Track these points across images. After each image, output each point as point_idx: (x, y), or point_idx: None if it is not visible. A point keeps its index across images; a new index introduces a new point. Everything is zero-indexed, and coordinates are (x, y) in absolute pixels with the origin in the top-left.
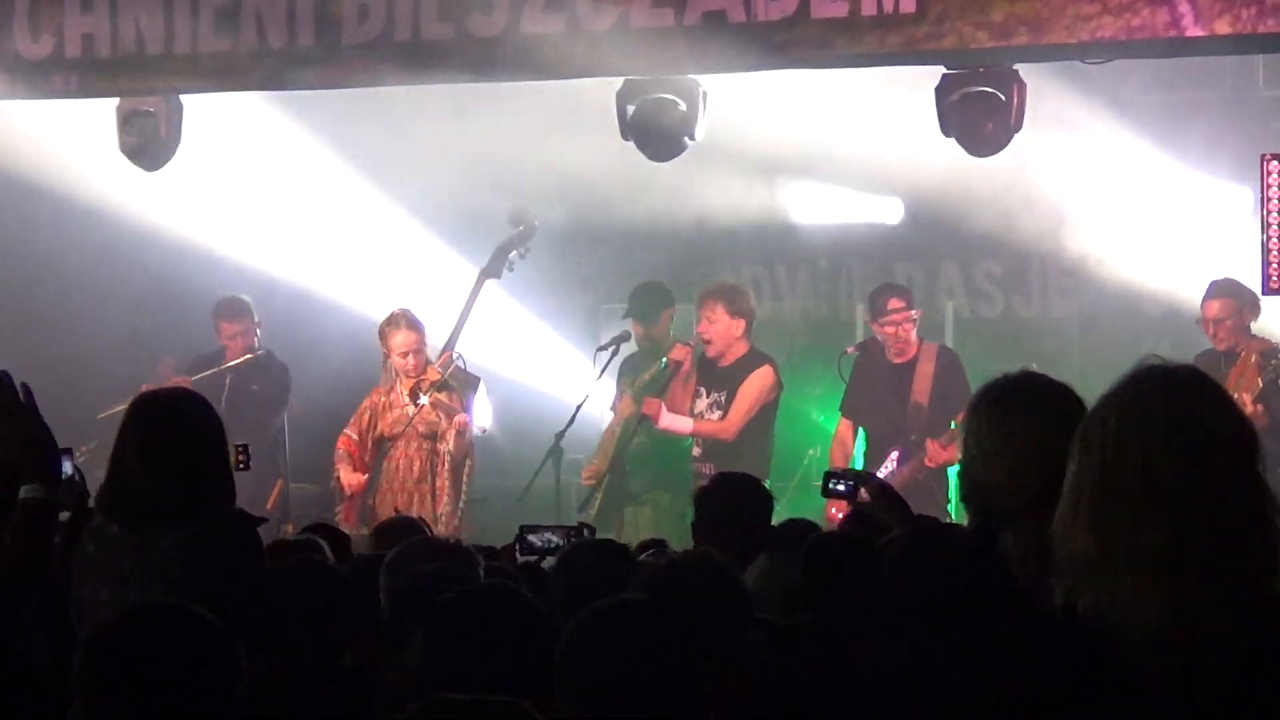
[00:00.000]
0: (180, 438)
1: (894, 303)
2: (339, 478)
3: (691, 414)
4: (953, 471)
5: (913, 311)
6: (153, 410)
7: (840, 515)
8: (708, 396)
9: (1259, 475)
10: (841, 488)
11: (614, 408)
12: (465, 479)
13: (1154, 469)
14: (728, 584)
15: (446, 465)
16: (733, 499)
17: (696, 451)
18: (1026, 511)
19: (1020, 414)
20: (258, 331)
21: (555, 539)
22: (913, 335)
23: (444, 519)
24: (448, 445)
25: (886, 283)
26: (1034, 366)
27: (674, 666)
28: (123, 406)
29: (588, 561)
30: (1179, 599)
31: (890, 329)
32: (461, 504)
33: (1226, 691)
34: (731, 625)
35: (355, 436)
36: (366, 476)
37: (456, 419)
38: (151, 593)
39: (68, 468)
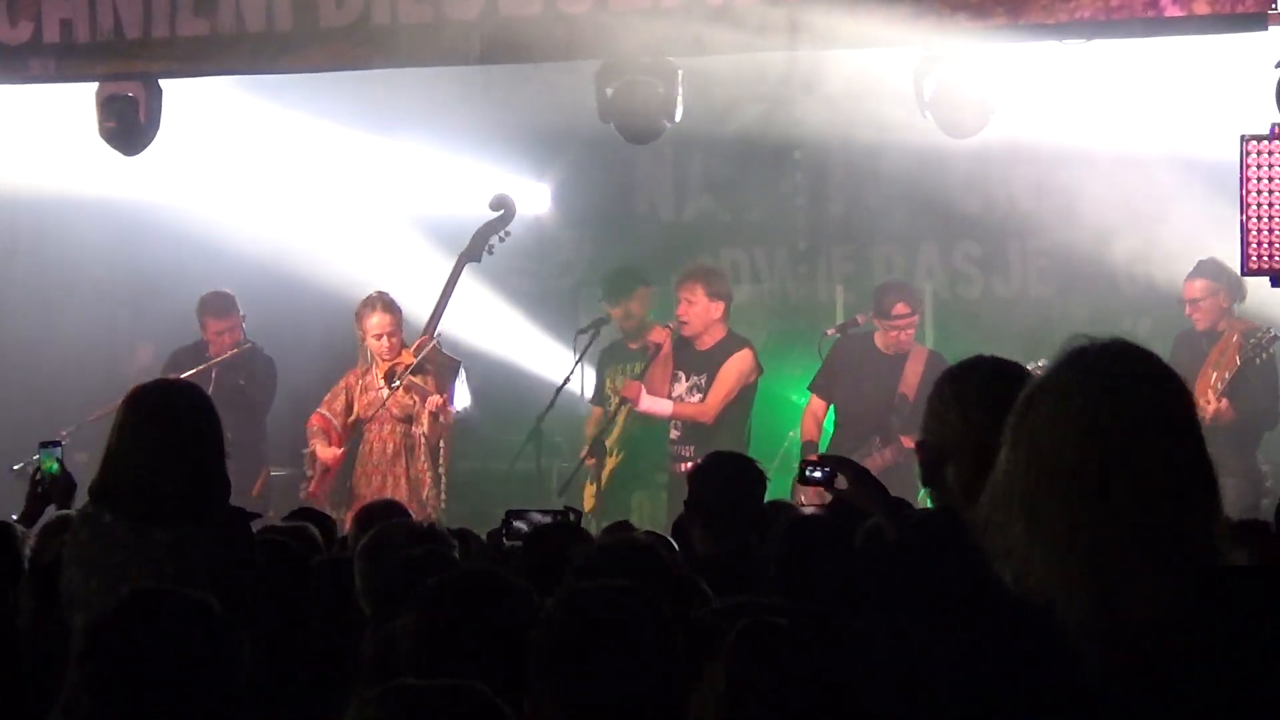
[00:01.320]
0: (179, 433)
1: (900, 307)
2: (314, 452)
3: (670, 397)
4: None
5: (916, 316)
6: (152, 403)
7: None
8: (686, 380)
9: (1196, 451)
10: (819, 474)
11: (594, 400)
12: (442, 462)
13: (1083, 454)
14: (652, 566)
15: (422, 448)
16: (727, 478)
17: (674, 434)
18: (972, 449)
19: (973, 378)
20: (243, 326)
21: (544, 522)
22: (912, 339)
23: (427, 502)
24: (422, 428)
25: (893, 283)
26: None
27: (652, 649)
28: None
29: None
30: (1106, 584)
31: (894, 333)
32: (443, 486)
33: (1159, 675)
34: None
35: (328, 414)
36: (343, 452)
37: (430, 401)
38: (143, 584)
39: (58, 457)
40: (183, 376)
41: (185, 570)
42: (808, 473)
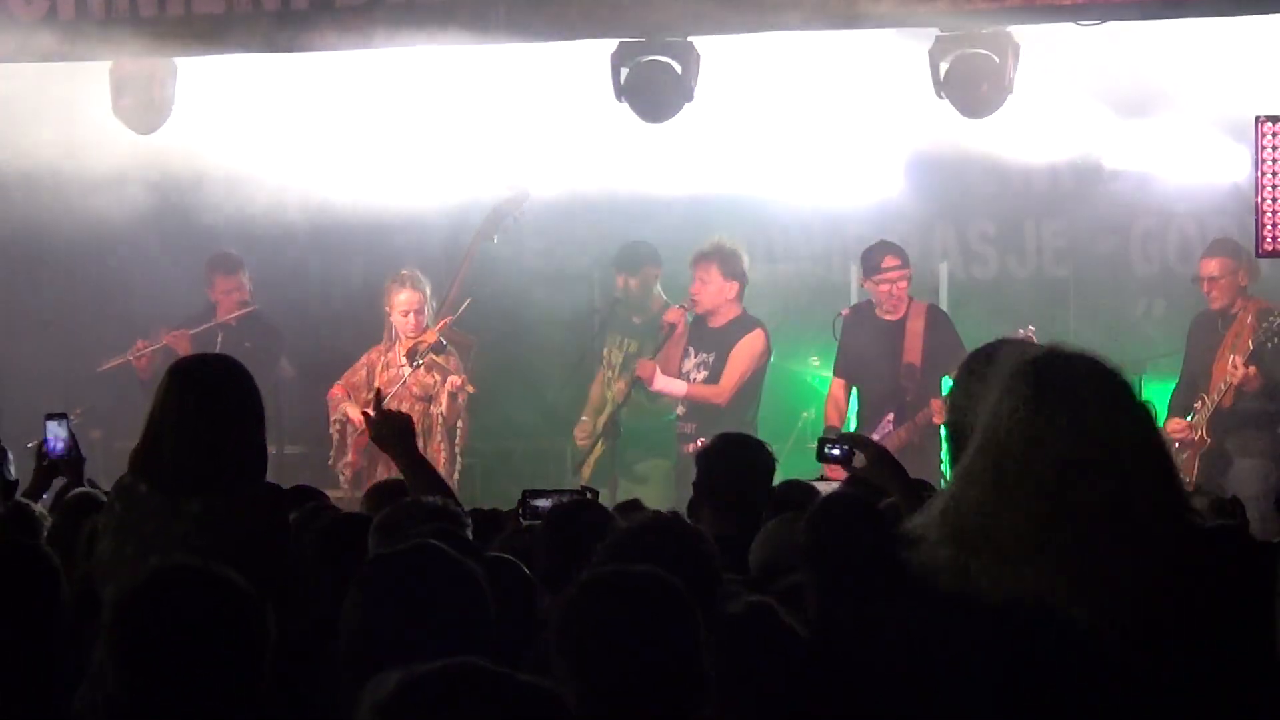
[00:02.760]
0: (220, 407)
1: (889, 260)
2: (346, 416)
3: (680, 372)
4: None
5: (907, 270)
6: (195, 377)
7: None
8: (695, 356)
9: (1150, 440)
10: (836, 452)
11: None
12: (458, 441)
13: (1042, 462)
14: (693, 546)
15: (440, 427)
16: (738, 460)
17: (680, 411)
18: None
19: (997, 358)
20: (249, 288)
21: (562, 502)
22: (905, 293)
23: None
24: (440, 408)
25: (881, 240)
26: (1031, 330)
27: (678, 634)
28: (121, 360)
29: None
30: (1058, 573)
31: (885, 286)
32: (458, 467)
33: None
34: (699, 587)
35: (348, 386)
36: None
37: (450, 381)
38: (173, 556)
39: (61, 437)
40: (193, 333)
41: (214, 542)
42: (826, 450)
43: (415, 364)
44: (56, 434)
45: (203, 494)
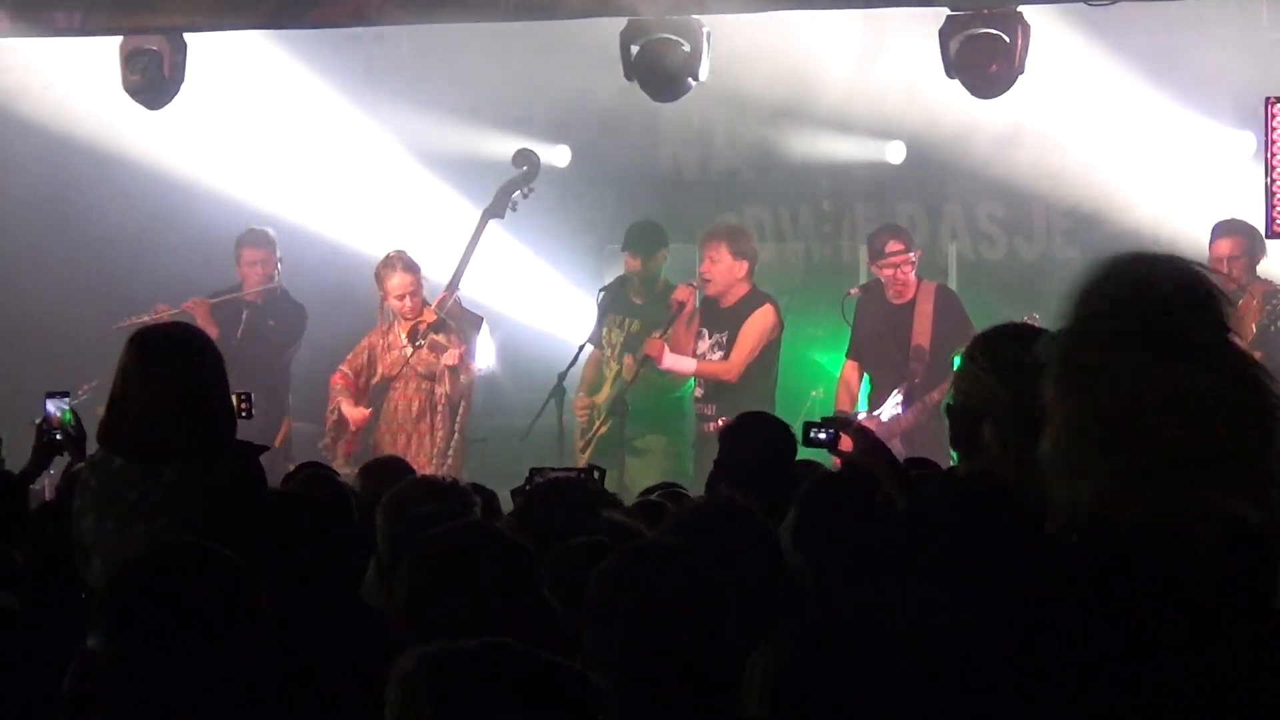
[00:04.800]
0: (179, 372)
1: (893, 244)
2: (341, 411)
3: (694, 355)
4: None
5: (911, 253)
6: (152, 345)
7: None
8: (710, 337)
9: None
10: (823, 436)
11: (594, 340)
12: (460, 419)
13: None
14: (758, 529)
15: (444, 405)
16: (759, 438)
17: (699, 392)
18: (1010, 407)
19: (1003, 340)
20: (279, 266)
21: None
22: (911, 276)
23: (439, 459)
24: (445, 386)
25: (886, 224)
26: (1035, 318)
27: (708, 611)
28: (139, 319)
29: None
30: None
31: (889, 271)
32: (454, 443)
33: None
34: (762, 569)
35: (350, 372)
36: (370, 411)
37: (447, 355)
38: (157, 524)
39: (64, 411)
40: (214, 303)
41: (194, 507)
42: (811, 434)
43: (417, 344)
44: (60, 409)
45: (178, 459)
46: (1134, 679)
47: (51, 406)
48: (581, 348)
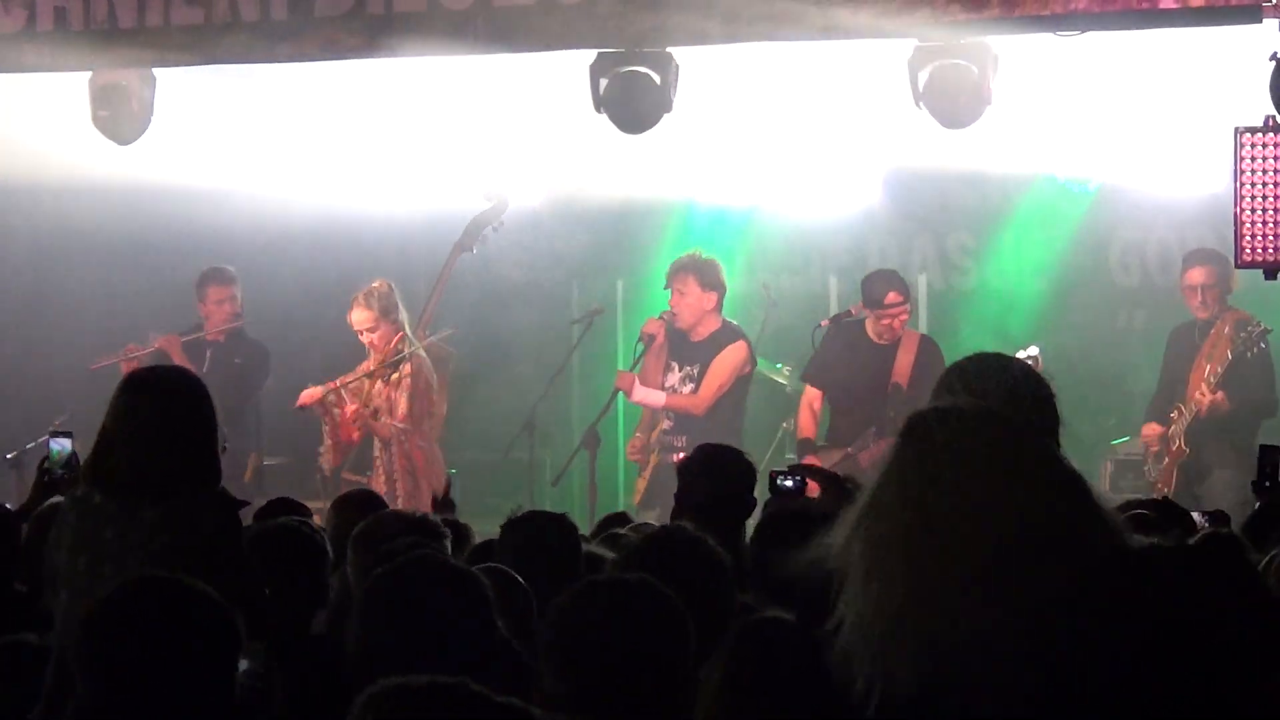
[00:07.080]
0: (171, 414)
1: (893, 296)
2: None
3: (663, 388)
4: None
5: (908, 304)
6: (146, 386)
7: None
8: (680, 370)
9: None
10: (790, 484)
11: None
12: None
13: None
14: (707, 557)
15: (394, 439)
16: (716, 470)
17: (667, 424)
18: None
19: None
20: (240, 302)
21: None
22: (904, 326)
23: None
24: (400, 425)
25: (882, 272)
26: (1036, 351)
27: (670, 643)
28: (113, 359)
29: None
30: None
31: (886, 320)
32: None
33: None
34: (716, 597)
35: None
36: (321, 391)
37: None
38: (129, 564)
39: (67, 447)
40: (184, 340)
41: (170, 549)
42: (778, 482)
43: (381, 379)
44: (62, 448)
45: (159, 500)
46: None
47: (55, 445)
48: (551, 380)
